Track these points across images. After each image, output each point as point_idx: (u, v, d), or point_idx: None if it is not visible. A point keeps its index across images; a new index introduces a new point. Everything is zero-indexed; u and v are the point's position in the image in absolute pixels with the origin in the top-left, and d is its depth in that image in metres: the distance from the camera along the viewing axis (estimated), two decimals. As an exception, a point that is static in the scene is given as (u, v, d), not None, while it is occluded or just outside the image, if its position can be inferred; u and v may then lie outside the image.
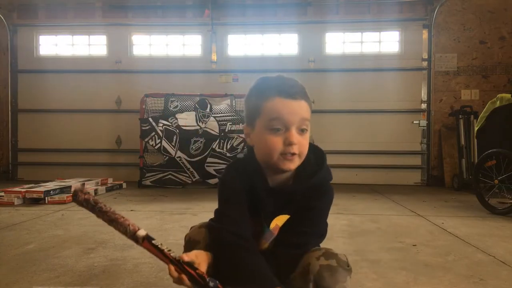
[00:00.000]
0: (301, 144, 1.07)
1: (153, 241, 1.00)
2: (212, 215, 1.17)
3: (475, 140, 4.64)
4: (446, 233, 2.78)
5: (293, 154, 1.06)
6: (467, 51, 5.85)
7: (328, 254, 1.07)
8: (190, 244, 1.16)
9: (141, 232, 1.01)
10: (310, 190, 1.13)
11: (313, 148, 1.15)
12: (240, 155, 1.21)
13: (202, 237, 1.14)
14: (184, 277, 0.96)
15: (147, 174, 5.41)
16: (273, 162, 1.07)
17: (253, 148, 1.15)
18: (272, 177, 1.13)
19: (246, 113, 1.15)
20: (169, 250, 0.99)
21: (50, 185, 4.36)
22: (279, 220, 1.14)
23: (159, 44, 6.33)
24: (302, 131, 1.07)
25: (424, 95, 5.98)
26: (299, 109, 1.06)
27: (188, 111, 5.49)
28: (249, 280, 1.00)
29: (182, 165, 5.39)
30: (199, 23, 6.13)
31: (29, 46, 6.39)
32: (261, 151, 1.10)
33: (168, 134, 5.42)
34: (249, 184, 1.13)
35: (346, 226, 2.96)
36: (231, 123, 5.44)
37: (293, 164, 1.08)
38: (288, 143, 1.04)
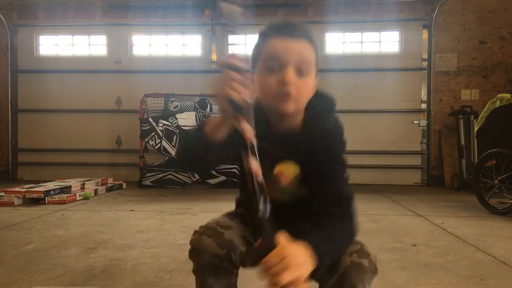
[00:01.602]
0: (297, 87, 0.98)
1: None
2: (212, 215, 1.16)
3: (475, 140, 4.64)
4: (446, 233, 2.78)
5: (288, 94, 0.98)
6: (467, 51, 5.85)
7: (363, 252, 1.02)
8: (195, 252, 1.08)
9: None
10: (318, 137, 1.05)
11: (321, 94, 1.09)
12: None
13: (206, 247, 1.06)
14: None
15: (147, 174, 5.41)
16: (269, 103, 1.02)
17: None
18: (278, 123, 1.07)
19: (250, 60, 1.08)
20: None
21: (50, 185, 4.36)
22: (284, 168, 1.07)
23: (159, 44, 6.33)
24: (300, 73, 0.99)
25: (424, 95, 5.99)
26: (298, 48, 0.99)
27: (188, 111, 5.49)
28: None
29: (182, 165, 5.38)
30: (199, 23, 6.13)
31: (29, 46, 6.39)
32: (259, 93, 1.03)
33: (168, 134, 5.42)
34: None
35: (346, 226, 2.96)
36: (231, 123, 5.43)
37: (288, 105, 0.98)
38: (282, 82, 0.97)
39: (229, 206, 1.23)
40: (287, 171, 1.07)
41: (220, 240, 1.04)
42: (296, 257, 0.81)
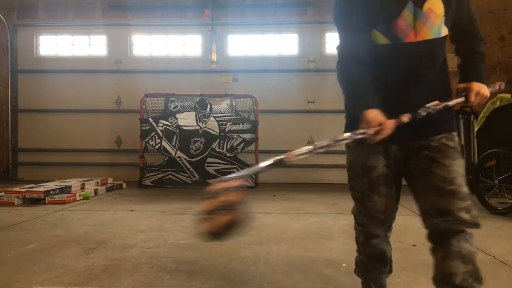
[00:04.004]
0: None
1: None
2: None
3: (475, 140, 4.64)
4: (446, 233, 2.77)
5: None
6: (467, 51, 5.84)
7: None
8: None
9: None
10: None
11: None
12: None
13: None
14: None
15: (147, 174, 5.41)
16: None
17: None
18: None
19: None
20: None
21: (50, 185, 4.36)
22: (431, 3, 1.22)
23: (159, 44, 6.33)
24: None
25: (424, 95, 5.98)
26: None
27: (188, 111, 5.49)
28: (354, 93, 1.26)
29: (182, 165, 5.39)
30: (199, 23, 6.13)
31: (29, 46, 6.39)
32: None
33: (168, 134, 5.42)
34: None
35: (346, 226, 2.96)
36: (231, 123, 5.44)
37: None
38: None
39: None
40: (435, 6, 1.23)
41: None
42: (482, 89, 1.35)
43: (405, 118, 1.21)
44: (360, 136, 1.16)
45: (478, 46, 1.42)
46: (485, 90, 1.34)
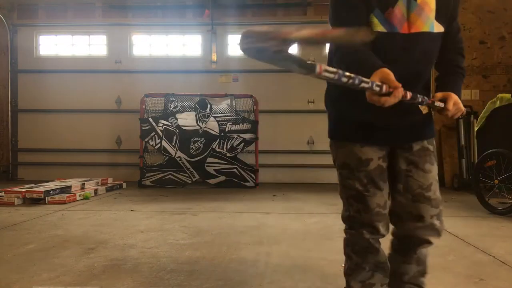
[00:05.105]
0: None
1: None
2: (212, 215, 1.17)
3: (475, 140, 4.64)
4: (446, 233, 2.77)
5: None
6: (466, 51, 5.73)
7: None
8: None
9: None
10: None
11: None
12: None
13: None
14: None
15: (147, 174, 5.41)
16: None
17: None
18: None
19: None
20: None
21: (50, 185, 4.37)
22: None
23: (159, 44, 6.33)
24: None
25: (424, 95, 5.97)
26: None
27: (188, 111, 5.49)
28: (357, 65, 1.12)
29: (182, 165, 5.39)
30: (199, 23, 6.13)
31: (29, 46, 6.39)
32: None
33: (168, 134, 5.42)
34: None
35: (346, 226, 2.96)
36: (231, 123, 5.44)
37: None
38: None
39: (229, 206, 1.23)
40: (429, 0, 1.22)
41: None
42: (459, 102, 1.27)
43: (408, 95, 1.10)
44: (377, 88, 1.02)
45: (461, 62, 1.38)
46: (461, 104, 1.29)
